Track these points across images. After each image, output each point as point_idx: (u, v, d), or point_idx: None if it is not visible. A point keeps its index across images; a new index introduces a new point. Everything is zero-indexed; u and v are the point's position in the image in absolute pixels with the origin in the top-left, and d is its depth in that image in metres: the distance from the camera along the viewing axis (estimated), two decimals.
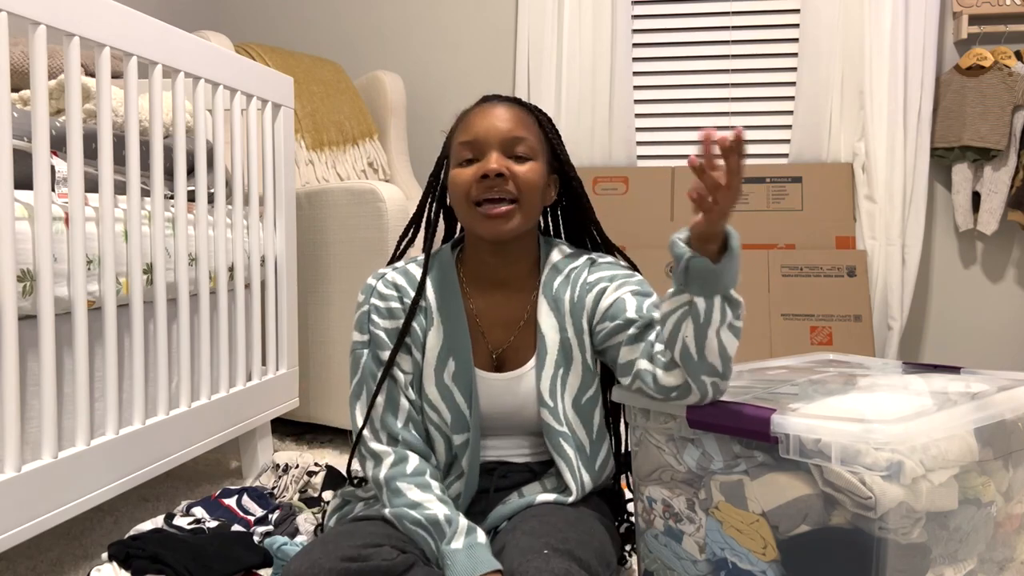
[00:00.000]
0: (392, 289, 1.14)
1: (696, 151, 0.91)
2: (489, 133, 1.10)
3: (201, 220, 1.55)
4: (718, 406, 1.01)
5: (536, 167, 1.11)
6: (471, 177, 1.09)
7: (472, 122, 1.12)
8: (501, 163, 1.08)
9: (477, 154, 1.10)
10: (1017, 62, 2.54)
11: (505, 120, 1.11)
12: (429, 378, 1.13)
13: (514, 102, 1.15)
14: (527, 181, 1.10)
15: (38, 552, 1.43)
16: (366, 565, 0.92)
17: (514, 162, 1.10)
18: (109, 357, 1.30)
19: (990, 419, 1.00)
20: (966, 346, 2.76)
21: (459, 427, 1.12)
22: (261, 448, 1.86)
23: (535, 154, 1.12)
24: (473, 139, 1.11)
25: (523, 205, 1.10)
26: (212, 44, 1.58)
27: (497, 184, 1.08)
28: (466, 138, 1.11)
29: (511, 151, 1.10)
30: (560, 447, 1.12)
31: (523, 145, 1.11)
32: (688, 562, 1.08)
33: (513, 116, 1.12)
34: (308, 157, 2.51)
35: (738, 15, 2.82)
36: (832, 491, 0.92)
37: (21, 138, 1.26)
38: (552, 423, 1.12)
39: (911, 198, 2.63)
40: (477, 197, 1.09)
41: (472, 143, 1.11)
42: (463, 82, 3.05)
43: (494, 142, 1.10)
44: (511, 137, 1.10)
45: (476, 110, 1.14)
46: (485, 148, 1.10)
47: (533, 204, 1.12)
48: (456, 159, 1.13)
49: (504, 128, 1.10)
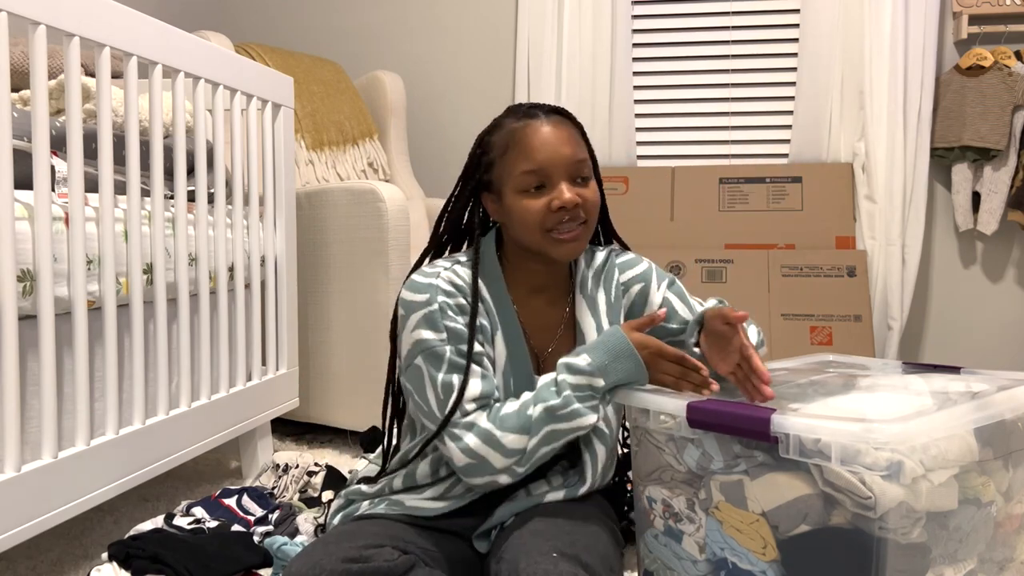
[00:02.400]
0: (453, 288, 1.12)
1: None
2: (555, 162, 1.10)
3: (201, 220, 1.55)
4: (718, 406, 1.01)
5: (594, 185, 1.15)
6: (543, 208, 1.10)
7: (533, 147, 1.11)
8: (574, 193, 1.10)
9: (544, 181, 1.11)
10: (1017, 62, 2.54)
11: (566, 143, 1.12)
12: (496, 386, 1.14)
13: (563, 116, 1.16)
14: (593, 203, 1.14)
15: (38, 552, 1.43)
16: (367, 566, 0.92)
17: (580, 185, 1.12)
18: (109, 357, 1.30)
19: (990, 419, 1.00)
20: (966, 346, 2.76)
21: None
22: (261, 448, 1.86)
23: (592, 172, 1.15)
24: (539, 168, 1.10)
25: (589, 224, 1.14)
26: (212, 44, 1.58)
27: (572, 214, 1.11)
28: (530, 167, 1.11)
29: (576, 175, 1.12)
30: (592, 443, 1.13)
31: (586, 167, 1.13)
32: (688, 562, 1.08)
33: (570, 137, 1.13)
34: (308, 157, 2.51)
35: (738, 15, 2.82)
36: (832, 491, 0.92)
37: (21, 138, 1.26)
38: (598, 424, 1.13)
39: (911, 198, 2.63)
40: (551, 226, 1.11)
41: (538, 172, 1.11)
42: (463, 82, 3.05)
43: (561, 171, 1.11)
44: (576, 162, 1.12)
45: (531, 131, 1.12)
46: (554, 178, 1.11)
47: (596, 220, 1.16)
48: (520, 185, 1.11)
49: (568, 153, 1.11)
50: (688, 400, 1.04)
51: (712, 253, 2.63)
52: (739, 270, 2.58)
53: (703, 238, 2.69)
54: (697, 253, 2.63)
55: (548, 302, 1.20)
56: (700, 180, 2.75)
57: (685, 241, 2.69)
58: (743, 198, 2.70)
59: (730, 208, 2.71)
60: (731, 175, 2.73)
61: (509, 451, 1.04)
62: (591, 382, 1.04)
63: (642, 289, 1.22)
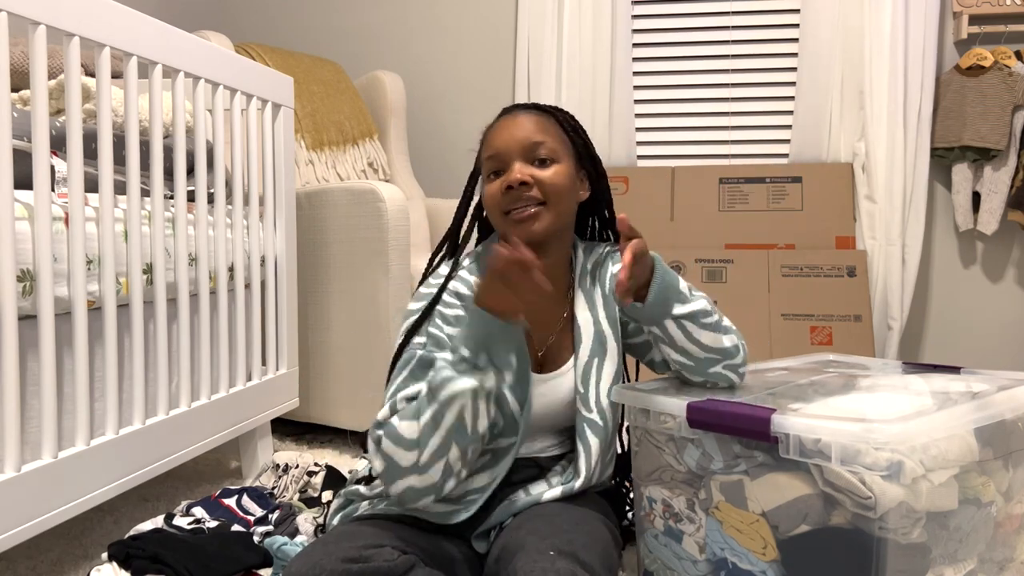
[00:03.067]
0: (455, 298, 1.13)
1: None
2: (509, 144, 1.13)
3: (201, 220, 1.55)
4: (718, 406, 1.01)
5: (560, 169, 1.13)
6: (498, 189, 1.12)
7: (494, 136, 1.15)
8: (523, 172, 1.11)
9: (502, 166, 1.13)
10: (1017, 62, 2.54)
11: (523, 128, 1.13)
12: None
13: (533, 108, 1.18)
14: (552, 184, 1.12)
15: (38, 552, 1.43)
16: (367, 566, 0.92)
17: (537, 167, 1.12)
18: (109, 357, 1.30)
19: (990, 419, 1.00)
20: (966, 346, 2.76)
21: (509, 432, 1.13)
22: (261, 448, 1.86)
23: (558, 155, 1.14)
24: (495, 152, 1.14)
25: (551, 206, 1.12)
26: (212, 44, 1.58)
27: (523, 192, 1.11)
28: (490, 152, 1.15)
29: (533, 157, 1.12)
30: (584, 434, 1.14)
31: (543, 148, 1.13)
32: (688, 562, 1.08)
33: (531, 122, 1.14)
34: (308, 157, 2.51)
35: (738, 15, 2.82)
36: (832, 491, 0.92)
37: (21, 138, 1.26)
38: (582, 410, 1.14)
39: (911, 198, 2.63)
40: (506, 207, 1.12)
41: (495, 156, 1.14)
42: (463, 82, 3.05)
43: (515, 151, 1.12)
44: (530, 143, 1.12)
45: (497, 124, 1.17)
46: (508, 159, 1.13)
47: (563, 204, 1.14)
48: (485, 174, 1.16)
49: (522, 136, 1.13)
50: (688, 400, 1.04)
51: (712, 253, 2.63)
52: (739, 270, 2.58)
53: (703, 238, 2.69)
54: (697, 253, 2.63)
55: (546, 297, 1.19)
56: (700, 180, 2.75)
57: (685, 241, 2.69)
58: (743, 198, 2.70)
59: (730, 208, 2.71)
60: (731, 175, 2.73)
61: (407, 442, 0.99)
62: (458, 352, 0.99)
63: None
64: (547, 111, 1.18)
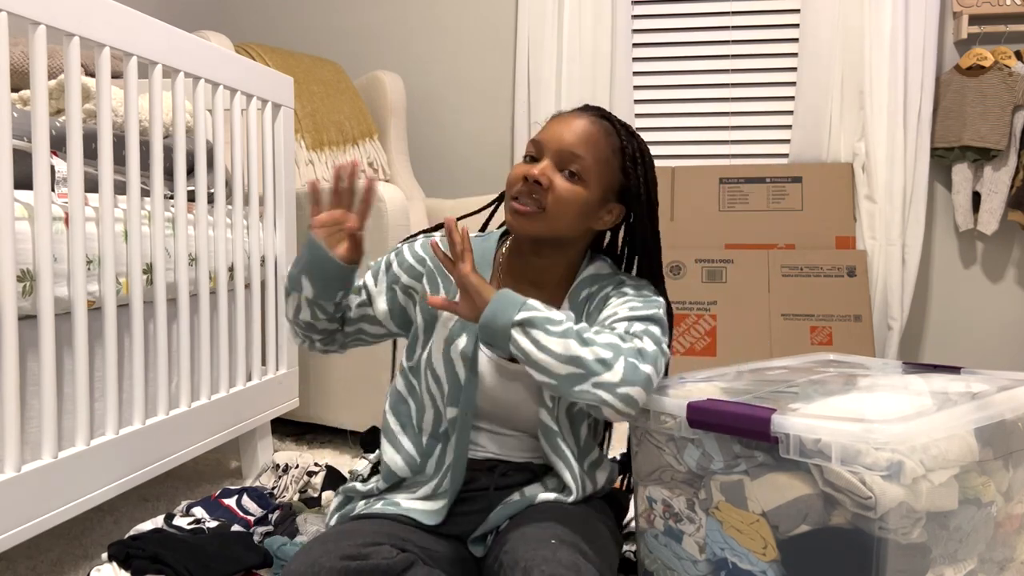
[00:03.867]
0: (415, 259, 1.19)
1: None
2: (551, 140, 1.11)
3: (201, 220, 1.55)
4: (719, 406, 1.01)
5: (580, 191, 1.09)
6: (519, 174, 1.11)
7: (549, 124, 1.14)
8: (544, 172, 1.09)
9: (537, 154, 1.12)
10: (1017, 62, 2.54)
11: (573, 133, 1.11)
12: (438, 346, 1.14)
13: (604, 120, 1.14)
14: (560, 198, 1.09)
15: (38, 552, 1.43)
16: (366, 564, 0.92)
17: (564, 176, 1.10)
18: (109, 357, 1.30)
19: (990, 419, 1.00)
20: (966, 346, 2.76)
21: (453, 400, 1.12)
22: (261, 448, 1.86)
23: (588, 176, 1.10)
24: (539, 140, 1.12)
25: (549, 216, 1.09)
26: (212, 44, 1.58)
27: (533, 190, 1.09)
28: (536, 137, 1.13)
29: (565, 165, 1.10)
30: (557, 447, 1.12)
31: (577, 164, 1.09)
32: (688, 562, 1.08)
33: (586, 132, 1.11)
34: (308, 157, 2.51)
35: (738, 15, 2.82)
36: (832, 491, 0.92)
37: (21, 138, 1.26)
38: (550, 423, 1.12)
39: (911, 198, 2.63)
40: (514, 194, 1.11)
41: (536, 143, 1.12)
42: (463, 82, 3.05)
43: (552, 150, 1.10)
44: (568, 152, 1.09)
45: (560, 115, 1.15)
46: (543, 152, 1.11)
47: (562, 220, 1.10)
48: (525, 152, 1.15)
49: (566, 140, 1.10)
50: (689, 400, 1.04)
51: (712, 253, 2.63)
52: (739, 270, 2.58)
53: (703, 238, 2.69)
54: (697, 253, 2.63)
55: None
56: (700, 180, 2.75)
57: (685, 241, 2.69)
58: (743, 198, 2.70)
59: (730, 208, 2.71)
60: (731, 175, 2.73)
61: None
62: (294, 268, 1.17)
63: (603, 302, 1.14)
64: (614, 129, 1.13)
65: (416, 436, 1.16)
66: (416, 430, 1.16)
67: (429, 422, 1.15)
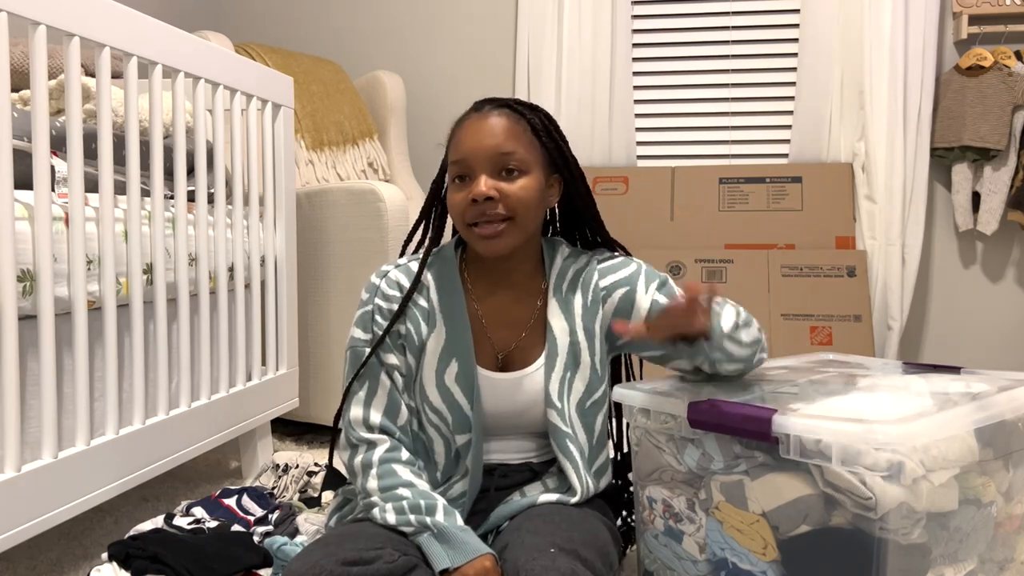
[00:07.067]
0: (396, 289, 1.14)
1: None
2: (477, 153, 1.07)
3: (201, 220, 1.55)
4: (719, 406, 1.01)
5: (528, 182, 1.09)
6: (463, 201, 1.08)
7: (461, 139, 1.10)
8: (489, 186, 1.06)
9: (467, 172, 1.09)
10: (1017, 62, 2.54)
11: (493, 135, 1.08)
12: (430, 380, 1.12)
13: (505, 108, 1.12)
14: (518, 199, 1.07)
15: (38, 552, 1.43)
16: (368, 568, 0.92)
17: (504, 179, 1.08)
18: (109, 357, 1.30)
19: (990, 419, 1.00)
20: (966, 346, 2.76)
21: (461, 427, 1.11)
22: (261, 448, 1.86)
23: (527, 165, 1.09)
24: (462, 158, 1.09)
25: (517, 221, 1.08)
26: (212, 44, 1.58)
27: (488, 207, 1.07)
28: (456, 156, 1.10)
29: (501, 167, 1.08)
30: (566, 448, 1.12)
31: (512, 159, 1.08)
32: (688, 562, 1.08)
33: (502, 128, 1.09)
34: (308, 157, 2.51)
35: (738, 15, 2.82)
36: (832, 491, 0.92)
37: (21, 138, 1.26)
38: (559, 424, 1.12)
39: (911, 198, 2.63)
40: (471, 220, 1.08)
41: (461, 162, 1.09)
42: (463, 82, 3.05)
43: (482, 162, 1.07)
44: (499, 154, 1.07)
45: (466, 124, 1.12)
46: (474, 169, 1.08)
47: (528, 217, 1.10)
48: (450, 176, 1.12)
49: (491, 145, 1.07)
50: (689, 400, 1.04)
51: (712, 253, 2.63)
52: (739, 270, 2.58)
53: (703, 238, 2.69)
54: (697, 253, 2.63)
55: (514, 299, 1.16)
56: (700, 180, 2.75)
57: (685, 241, 2.69)
58: (743, 198, 2.70)
59: (730, 208, 2.71)
60: (731, 175, 2.73)
61: (366, 490, 1.08)
62: (423, 538, 1.01)
63: (626, 294, 1.15)
64: (520, 112, 1.12)
65: (432, 473, 1.15)
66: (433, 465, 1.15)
67: (442, 454, 1.14)
